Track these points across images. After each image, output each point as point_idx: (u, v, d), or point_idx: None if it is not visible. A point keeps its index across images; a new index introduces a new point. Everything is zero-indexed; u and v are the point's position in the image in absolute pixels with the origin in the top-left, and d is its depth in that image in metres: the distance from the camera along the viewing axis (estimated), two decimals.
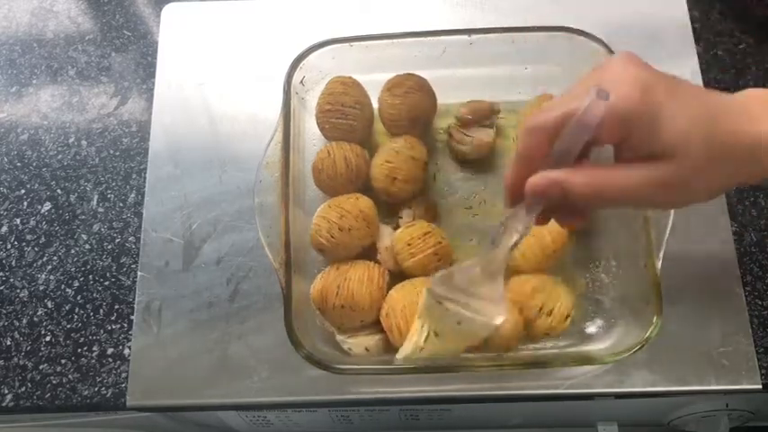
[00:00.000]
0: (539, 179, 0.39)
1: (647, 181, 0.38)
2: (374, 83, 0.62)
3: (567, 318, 0.54)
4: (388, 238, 0.58)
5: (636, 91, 0.37)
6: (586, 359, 0.54)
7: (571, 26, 0.59)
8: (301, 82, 0.61)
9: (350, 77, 0.62)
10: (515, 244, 0.43)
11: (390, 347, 0.55)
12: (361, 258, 0.57)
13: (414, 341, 0.50)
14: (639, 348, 0.50)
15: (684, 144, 0.37)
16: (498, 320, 0.46)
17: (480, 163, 0.63)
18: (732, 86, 0.68)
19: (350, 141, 0.60)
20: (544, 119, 0.39)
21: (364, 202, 0.57)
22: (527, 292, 0.54)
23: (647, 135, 0.38)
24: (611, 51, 0.58)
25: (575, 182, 0.39)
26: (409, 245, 0.55)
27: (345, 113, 0.60)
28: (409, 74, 0.61)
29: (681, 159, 0.38)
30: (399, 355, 0.51)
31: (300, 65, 0.60)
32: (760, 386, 0.55)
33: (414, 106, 0.60)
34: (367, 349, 0.55)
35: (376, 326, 0.56)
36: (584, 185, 0.38)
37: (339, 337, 0.55)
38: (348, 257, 0.57)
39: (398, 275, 0.57)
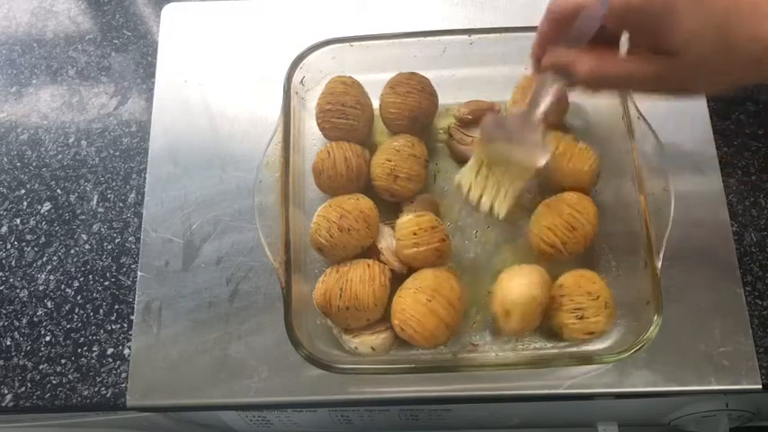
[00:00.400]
0: (551, 57, 0.45)
1: (649, 72, 0.41)
2: (374, 82, 0.62)
3: (590, 334, 0.53)
4: (389, 238, 0.58)
5: None
6: (587, 359, 0.54)
7: None
8: (301, 82, 0.61)
9: (350, 77, 0.62)
10: (547, 104, 0.49)
11: (395, 344, 0.55)
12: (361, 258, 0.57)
13: (472, 168, 0.55)
14: (640, 348, 0.50)
15: (695, 45, 0.39)
16: (541, 162, 0.52)
17: None
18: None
19: (350, 141, 0.60)
20: (561, 7, 0.44)
21: (365, 203, 0.57)
22: (582, 287, 0.54)
23: (659, 30, 0.39)
24: None
25: (579, 65, 0.43)
26: (415, 234, 0.55)
27: (346, 113, 0.60)
28: (412, 73, 0.61)
29: (690, 58, 0.39)
30: (457, 180, 0.56)
31: (300, 65, 0.60)
32: (760, 386, 0.55)
33: (415, 106, 0.60)
34: (373, 348, 0.55)
35: (381, 323, 0.56)
36: (587, 69, 0.43)
37: (344, 337, 0.55)
38: (347, 258, 0.57)
39: (399, 275, 0.57)
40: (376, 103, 0.63)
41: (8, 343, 0.61)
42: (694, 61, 0.39)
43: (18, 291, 0.63)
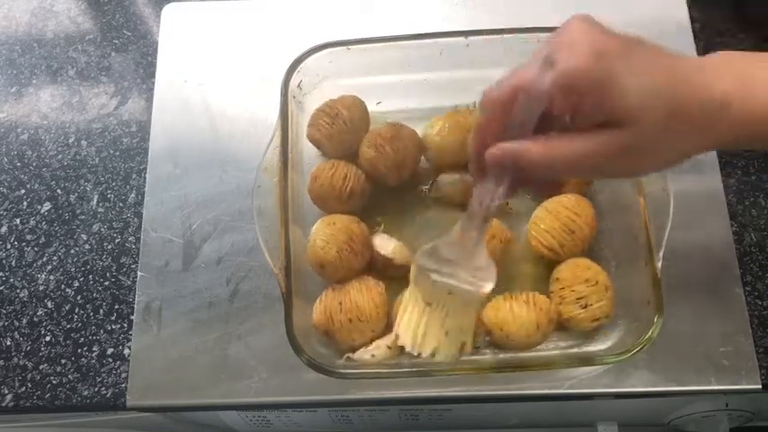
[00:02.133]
0: (494, 150, 0.40)
1: (600, 149, 0.37)
2: (372, 85, 0.62)
3: (596, 320, 0.54)
4: (388, 244, 0.58)
5: (585, 56, 0.35)
6: (587, 360, 0.54)
7: None
8: (299, 86, 0.61)
9: (362, 101, 0.62)
10: (489, 215, 0.44)
11: (393, 350, 0.55)
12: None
13: (407, 314, 0.49)
14: (641, 348, 0.50)
15: (639, 109, 0.36)
16: (487, 287, 0.47)
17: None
18: None
19: (324, 147, 0.61)
20: (498, 93, 0.39)
21: (366, 229, 0.58)
22: (580, 277, 0.54)
23: (600, 101, 0.36)
24: None
25: (527, 152, 0.38)
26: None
27: (334, 122, 0.59)
28: (393, 126, 0.60)
29: (637, 126, 0.36)
30: (401, 342, 0.50)
31: (298, 68, 0.60)
32: (760, 386, 0.55)
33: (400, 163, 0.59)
34: (389, 347, 0.55)
35: (386, 330, 0.56)
36: (536, 156, 0.38)
37: (354, 357, 0.55)
38: (343, 279, 0.57)
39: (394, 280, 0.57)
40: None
41: (8, 343, 0.61)
42: (646, 130, 0.36)
43: (18, 291, 0.63)
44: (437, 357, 0.49)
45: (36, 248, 0.64)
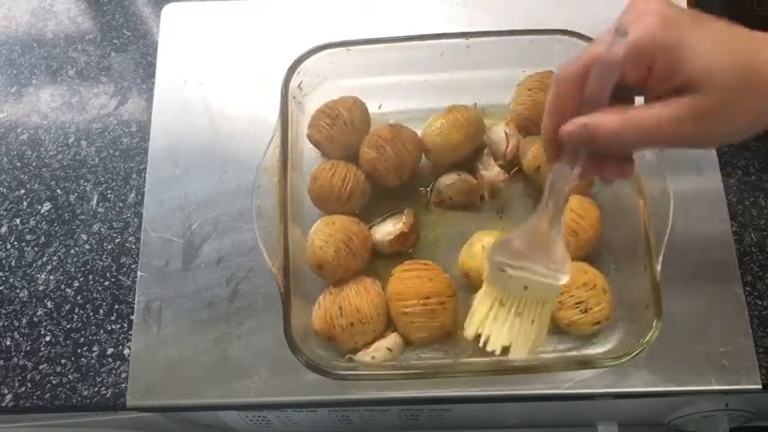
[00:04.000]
0: (568, 125, 0.40)
1: (674, 114, 0.37)
2: (372, 86, 0.62)
3: (597, 323, 0.54)
4: (391, 225, 0.59)
5: (656, 23, 0.36)
6: (586, 363, 0.54)
7: (569, 29, 0.59)
8: (299, 86, 0.61)
9: (363, 102, 0.62)
10: (564, 201, 0.43)
11: (394, 351, 0.55)
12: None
13: (479, 312, 0.48)
14: (639, 352, 0.50)
15: (710, 71, 0.36)
16: (564, 280, 0.45)
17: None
18: None
19: (324, 148, 0.61)
20: (571, 68, 0.40)
21: (366, 230, 0.58)
22: (577, 281, 0.54)
23: (671, 67, 0.37)
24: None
25: (602, 124, 0.38)
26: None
27: (334, 123, 0.59)
28: (394, 127, 0.60)
29: (709, 88, 0.37)
30: (466, 332, 0.48)
31: (298, 69, 0.60)
32: (760, 386, 0.55)
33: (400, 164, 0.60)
34: (389, 349, 0.55)
35: (387, 329, 0.56)
36: (612, 125, 0.38)
37: (355, 358, 0.55)
38: (342, 279, 0.57)
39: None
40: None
41: (8, 343, 0.61)
42: (717, 92, 0.37)
43: (18, 291, 0.63)
44: (510, 355, 0.47)
45: (36, 248, 0.64)
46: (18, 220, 0.66)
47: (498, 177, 0.61)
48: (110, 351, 0.60)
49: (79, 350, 0.60)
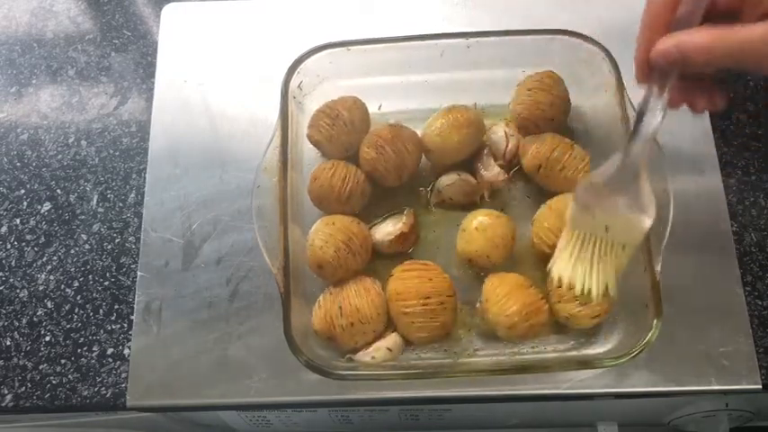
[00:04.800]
0: (659, 44, 0.39)
1: (764, 34, 0.37)
2: (372, 86, 0.62)
3: (596, 317, 0.54)
4: (391, 225, 0.59)
5: None
6: (586, 363, 0.54)
7: (569, 29, 0.59)
8: (299, 86, 0.61)
9: (363, 102, 0.62)
10: (654, 131, 0.42)
11: (394, 351, 0.55)
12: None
13: (563, 257, 0.48)
14: (640, 352, 0.50)
15: None
16: (648, 222, 0.44)
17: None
18: (732, 86, 0.68)
19: (325, 148, 0.61)
20: None
21: (366, 230, 0.58)
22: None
23: None
24: (609, 54, 0.58)
25: (691, 40, 0.38)
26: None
27: (335, 123, 0.59)
28: (394, 127, 0.60)
29: None
30: (550, 267, 0.48)
31: (298, 69, 0.60)
32: (760, 386, 0.55)
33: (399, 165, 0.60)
34: (389, 349, 0.55)
35: (387, 329, 0.56)
36: (700, 42, 0.38)
37: (356, 358, 0.55)
38: (342, 279, 0.57)
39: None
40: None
41: (8, 343, 0.61)
42: None
43: (18, 291, 0.63)
44: (585, 298, 0.47)
45: (36, 248, 0.64)
46: (18, 220, 0.66)
47: (498, 177, 0.61)
48: (110, 351, 0.60)
49: (79, 350, 0.60)
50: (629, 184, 0.44)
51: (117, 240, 0.64)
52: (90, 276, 0.63)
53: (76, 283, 0.63)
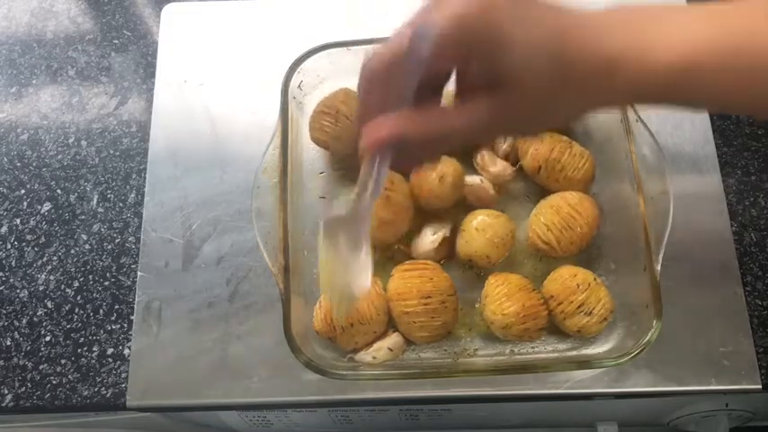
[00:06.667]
0: (370, 128, 0.36)
1: (484, 116, 0.34)
2: None
3: (604, 320, 0.54)
4: (430, 234, 0.58)
5: (472, 10, 0.33)
6: (586, 363, 0.54)
7: None
8: (299, 86, 0.61)
9: (353, 90, 0.61)
10: (372, 199, 0.39)
11: (395, 351, 0.55)
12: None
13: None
14: (640, 352, 0.50)
15: (525, 68, 0.33)
16: (358, 292, 0.41)
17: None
18: None
19: (332, 148, 0.61)
20: (375, 61, 0.36)
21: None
22: (571, 287, 0.54)
23: (487, 58, 0.34)
24: None
25: (406, 128, 0.35)
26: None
27: (337, 119, 0.59)
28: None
29: (522, 85, 0.33)
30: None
31: (298, 69, 0.60)
32: (760, 386, 0.55)
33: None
34: (390, 349, 0.55)
35: (388, 330, 0.56)
36: (415, 130, 0.35)
37: (356, 358, 0.55)
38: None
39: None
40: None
41: (8, 343, 0.61)
42: (531, 89, 0.33)
43: (18, 291, 0.63)
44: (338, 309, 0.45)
45: (36, 248, 0.64)
46: (18, 220, 0.66)
47: (506, 171, 0.61)
48: (110, 351, 0.60)
49: (79, 350, 0.60)
50: (352, 248, 0.41)
51: (117, 240, 0.64)
52: (90, 276, 0.63)
53: (76, 284, 0.63)
